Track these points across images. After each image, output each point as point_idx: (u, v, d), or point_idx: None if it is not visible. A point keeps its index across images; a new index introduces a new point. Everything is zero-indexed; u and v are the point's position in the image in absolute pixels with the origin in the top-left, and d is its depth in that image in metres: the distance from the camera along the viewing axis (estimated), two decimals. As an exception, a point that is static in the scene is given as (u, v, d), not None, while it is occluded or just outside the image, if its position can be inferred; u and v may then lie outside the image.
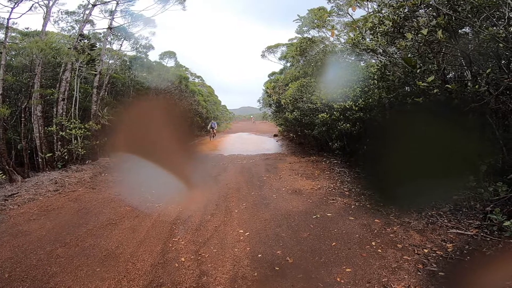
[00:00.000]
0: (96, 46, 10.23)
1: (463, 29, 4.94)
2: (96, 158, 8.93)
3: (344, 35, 11.18)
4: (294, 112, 10.96)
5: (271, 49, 18.93)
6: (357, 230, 4.11)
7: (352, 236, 3.95)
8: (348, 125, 7.74)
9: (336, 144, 8.46)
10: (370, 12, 7.76)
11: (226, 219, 4.95)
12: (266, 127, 28.83)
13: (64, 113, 8.31)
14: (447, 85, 3.95)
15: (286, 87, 11.60)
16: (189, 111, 19.55)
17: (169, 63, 17.43)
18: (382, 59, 6.31)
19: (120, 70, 14.71)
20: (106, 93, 12.49)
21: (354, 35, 8.43)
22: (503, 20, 4.08)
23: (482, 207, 4.37)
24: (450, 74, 4.95)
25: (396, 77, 5.27)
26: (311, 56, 11.07)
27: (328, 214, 4.76)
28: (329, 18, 11.33)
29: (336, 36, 11.15)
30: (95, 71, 9.89)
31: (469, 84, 3.98)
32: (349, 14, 10.82)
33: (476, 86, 3.72)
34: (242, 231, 4.44)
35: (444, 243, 3.61)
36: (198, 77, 27.90)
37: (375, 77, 6.35)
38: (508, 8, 3.93)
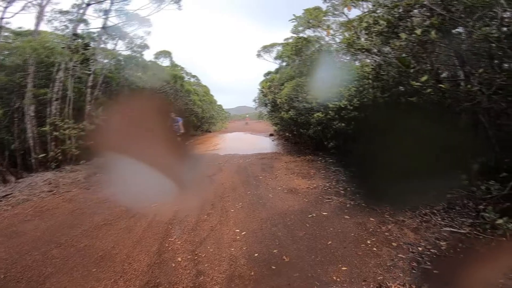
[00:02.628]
0: (90, 46, 10.13)
1: (456, 29, 5.01)
2: (91, 158, 8.85)
3: (340, 35, 11.23)
4: (289, 112, 10.99)
5: (266, 48, 18.93)
6: (353, 229, 4.15)
7: (348, 235, 3.99)
8: (343, 124, 7.79)
9: (331, 143, 8.50)
10: (365, 12, 7.83)
11: (223, 219, 4.96)
12: (262, 127, 28.86)
13: (57, 113, 8.22)
14: (440, 85, 4.00)
15: (282, 87, 11.62)
16: (184, 111, 19.49)
17: (164, 62, 17.35)
18: (377, 59, 6.37)
19: (115, 69, 14.59)
20: (100, 92, 12.38)
21: (349, 34, 8.51)
22: (496, 20, 4.14)
23: (474, 205, 4.44)
24: (444, 74, 5.01)
25: (391, 76, 5.32)
26: (306, 56, 11.12)
27: (324, 213, 4.80)
28: (324, 18, 11.38)
29: (331, 35, 11.22)
30: (89, 71, 9.80)
31: (461, 83, 4.04)
32: (344, 14, 10.91)
33: (469, 86, 3.77)
34: (238, 230, 4.45)
35: (438, 241, 3.66)
36: (194, 76, 27.81)
37: (370, 76, 6.41)
38: (501, 9, 4.00)
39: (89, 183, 7.15)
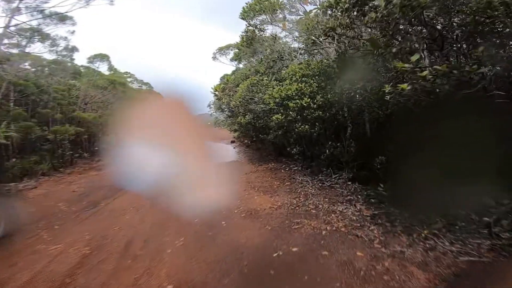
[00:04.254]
0: None
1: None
2: None
3: (296, 31, 10.27)
4: (246, 116, 9.70)
5: (222, 50, 17.59)
6: (337, 274, 2.86)
7: (332, 286, 2.70)
8: (306, 126, 6.67)
9: (294, 149, 7.32)
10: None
11: (153, 265, 3.38)
12: (224, 134, 27.25)
13: None
14: (435, 66, 2.95)
15: (237, 88, 10.30)
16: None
17: (101, 67, 15.05)
18: (342, 45, 5.35)
19: (37, 76, 12.09)
20: (12, 104, 9.95)
21: (307, 23, 7.49)
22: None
23: (478, 217, 3.47)
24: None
25: (366, 62, 4.25)
26: (259, 46, 9.91)
27: (294, 249, 3.46)
28: (279, 12, 10.36)
29: (287, 31, 10.21)
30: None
31: (465, 64, 3.02)
32: (301, 13, 9.94)
33: (474, 67, 2.76)
34: (171, 287, 2.95)
35: (460, 279, 2.54)
36: (146, 84, 25.37)
37: (335, 65, 5.34)
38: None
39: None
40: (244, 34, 9.10)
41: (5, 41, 9.55)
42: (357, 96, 5.06)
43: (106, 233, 4.35)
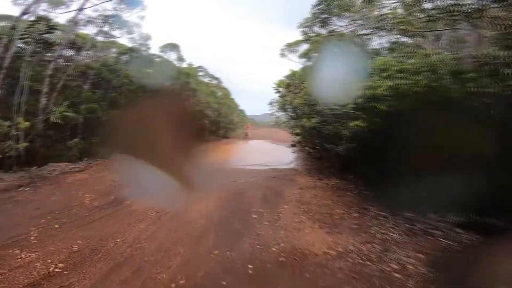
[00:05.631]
0: (56, 30, 8.01)
1: None
2: (21, 164, 6.59)
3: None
4: (312, 119, 8.07)
5: (291, 47, 16.19)
6: None
7: None
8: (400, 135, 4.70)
9: (372, 166, 5.39)
10: None
11: None
12: (285, 136, 25.77)
13: None
14: None
15: (303, 85, 8.73)
16: (195, 113, 17.18)
17: (171, 56, 15.16)
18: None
19: (115, 63, 12.63)
20: (88, 86, 10.37)
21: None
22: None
23: None
24: None
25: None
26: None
27: None
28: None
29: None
30: (51, 57, 7.71)
31: None
32: None
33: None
34: None
35: None
36: (216, 78, 25.77)
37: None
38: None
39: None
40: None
41: (90, 27, 9.82)
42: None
43: (102, 245, 3.40)
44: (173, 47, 14.98)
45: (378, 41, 8.16)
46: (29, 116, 7.36)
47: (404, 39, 6.91)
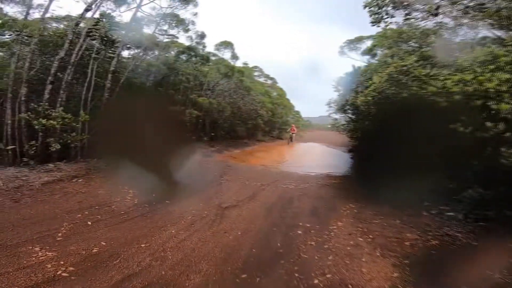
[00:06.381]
0: (119, 28, 8.44)
1: None
2: (76, 157, 6.91)
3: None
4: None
5: (352, 44, 14.75)
6: None
7: None
8: None
9: (469, 189, 4.08)
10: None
11: None
12: (343, 140, 23.90)
13: (49, 99, 6.55)
14: None
15: (369, 82, 7.57)
16: (248, 112, 16.96)
17: (225, 55, 15.17)
18: None
19: (175, 61, 13.12)
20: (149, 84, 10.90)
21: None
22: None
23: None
24: None
25: None
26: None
27: None
28: None
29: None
30: (113, 54, 8.10)
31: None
32: None
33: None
34: None
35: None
36: (272, 78, 25.43)
37: None
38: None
39: (38, 192, 4.82)
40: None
41: (152, 26, 10.23)
42: None
43: (124, 249, 3.07)
44: (227, 45, 14.98)
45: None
46: (94, 110, 7.88)
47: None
